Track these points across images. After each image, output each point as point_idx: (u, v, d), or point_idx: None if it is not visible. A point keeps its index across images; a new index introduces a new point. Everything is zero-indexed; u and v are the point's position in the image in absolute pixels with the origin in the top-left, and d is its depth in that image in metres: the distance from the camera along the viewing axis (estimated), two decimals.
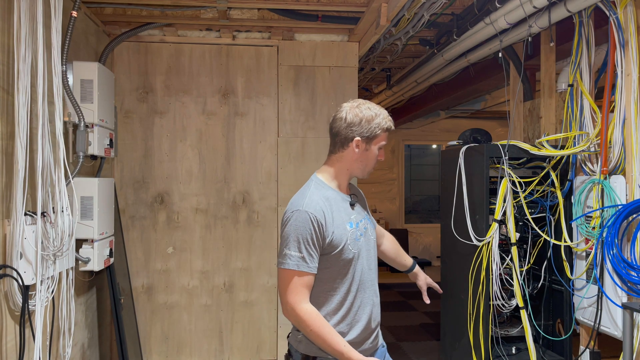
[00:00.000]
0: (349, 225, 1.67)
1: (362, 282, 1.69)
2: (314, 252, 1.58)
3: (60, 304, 2.33)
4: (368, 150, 1.69)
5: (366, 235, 1.73)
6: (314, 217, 1.57)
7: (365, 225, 1.74)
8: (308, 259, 1.56)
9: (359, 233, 1.69)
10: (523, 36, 2.90)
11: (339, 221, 1.64)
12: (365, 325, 1.69)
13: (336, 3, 3.17)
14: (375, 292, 1.75)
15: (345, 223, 1.66)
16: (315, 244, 1.57)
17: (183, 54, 3.63)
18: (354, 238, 1.66)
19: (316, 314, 1.57)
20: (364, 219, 1.75)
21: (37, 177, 2.07)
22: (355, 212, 1.73)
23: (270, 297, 3.70)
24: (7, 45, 2.02)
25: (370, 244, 1.75)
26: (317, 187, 1.68)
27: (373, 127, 1.67)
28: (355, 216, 1.71)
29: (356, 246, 1.67)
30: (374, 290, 1.75)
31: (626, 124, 2.32)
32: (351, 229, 1.67)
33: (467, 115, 7.62)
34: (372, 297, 1.73)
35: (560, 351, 2.85)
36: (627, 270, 2.22)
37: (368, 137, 1.67)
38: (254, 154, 3.69)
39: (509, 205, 2.73)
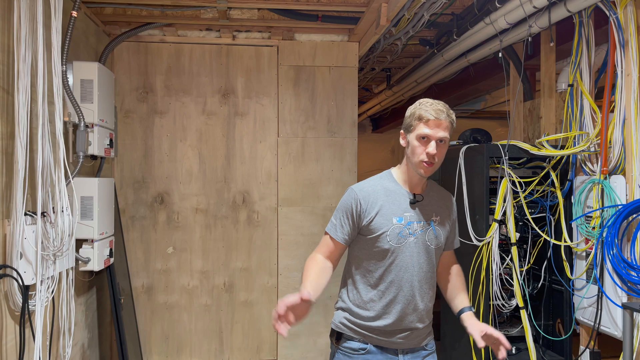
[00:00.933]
0: (397, 219, 1.71)
1: (399, 278, 1.73)
2: (346, 225, 1.73)
3: (60, 304, 2.33)
4: (410, 143, 1.72)
5: (420, 238, 1.73)
6: (357, 197, 1.72)
7: (424, 229, 1.74)
8: (339, 228, 1.75)
9: (409, 232, 1.71)
10: (523, 36, 2.90)
11: (387, 210, 1.71)
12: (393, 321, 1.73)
13: (336, 3, 3.17)
14: (416, 297, 1.75)
15: (393, 215, 1.71)
16: (349, 218, 1.73)
17: (183, 54, 3.64)
18: (397, 232, 1.70)
19: (312, 259, 1.76)
20: (426, 223, 1.75)
21: (37, 177, 2.07)
22: (415, 212, 1.74)
23: (271, 297, 3.70)
24: (7, 45, 2.02)
25: (421, 248, 1.74)
26: (383, 177, 1.80)
27: (409, 118, 1.72)
28: (411, 215, 1.73)
29: (398, 241, 1.70)
30: (414, 293, 1.75)
31: (626, 124, 2.32)
32: (398, 223, 1.71)
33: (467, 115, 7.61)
34: (407, 301, 1.74)
35: (560, 351, 2.85)
36: (627, 270, 2.22)
37: (406, 128, 1.73)
38: (254, 154, 3.69)
39: (509, 205, 2.73)
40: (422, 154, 1.69)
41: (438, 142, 1.68)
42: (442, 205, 1.82)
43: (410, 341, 1.78)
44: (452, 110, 1.74)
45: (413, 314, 1.75)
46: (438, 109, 1.67)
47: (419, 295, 1.75)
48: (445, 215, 1.81)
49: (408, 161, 1.75)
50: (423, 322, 1.78)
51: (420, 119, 1.68)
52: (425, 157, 1.68)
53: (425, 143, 1.68)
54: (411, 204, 1.74)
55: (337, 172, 3.71)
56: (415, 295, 1.75)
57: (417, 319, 1.77)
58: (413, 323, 1.76)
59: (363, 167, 8.04)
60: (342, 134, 3.73)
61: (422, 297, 1.77)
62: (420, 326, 1.77)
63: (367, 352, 1.76)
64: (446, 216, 1.81)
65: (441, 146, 1.69)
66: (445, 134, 1.68)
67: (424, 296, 1.77)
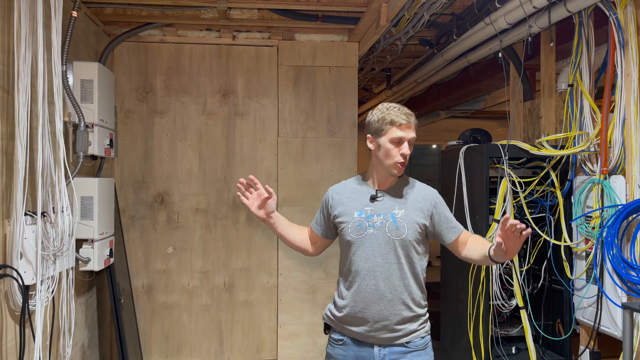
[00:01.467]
0: (358, 213, 1.86)
1: (362, 270, 1.82)
2: (320, 218, 2.00)
3: (60, 304, 2.33)
4: (383, 146, 1.83)
5: (380, 230, 1.82)
6: (330, 194, 1.97)
7: (385, 223, 1.82)
8: (315, 219, 2.03)
9: (368, 224, 1.83)
10: (523, 36, 2.90)
11: (350, 205, 1.89)
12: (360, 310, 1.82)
13: (336, 3, 3.17)
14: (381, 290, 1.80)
15: (355, 210, 1.87)
16: (322, 213, 1.99)
17: (183, 54, 3.64)
18: (357, 225, 1.84)
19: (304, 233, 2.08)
20: (386, 215, 1.83)
21: (37, 177, 2.07)
22: (376, 206, 1.86)
23: (271, 297, 3.70)
24: (7, 45, 2.02)
25: (382, 239, 1.82)
26: (354, 178, 2.01)
27: (379, 123, 1.83)
28: (372, 209, 1.85)
29: (357, 233, 1.83)
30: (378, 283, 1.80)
31: (626, 124, 2.32)
32: (359, 216, 1.85)
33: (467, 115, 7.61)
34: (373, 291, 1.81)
35: (560, 351, 2.85)
36: (627, 270, 2.22)
37: (376, 132, 1.84)
38: (254, 154, 3.69)
39: (509, 205, 2.73)
40: (397, 155, 1.81)
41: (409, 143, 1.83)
42: (412, 198, 1.88)
43: (383, 335, 1.81)
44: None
45: (379, 304, 1.80)
46: (407, 113, 1.82)
47: (384, 286, 1.80)
48: (415, 207, 1.86)
49: (378, 163, 1.87)
50: (397, 315, 1.80)
51: (392, 123, 1.80)
52: (400, 159, 1.82)
53: (399, 145, 1.81)
54: (371, 199, 1.87)
55: (337, 172, 3.71)
56: (379, 285, 1.80)
57: (387, 310, 1.80)
58: (381, 313, 1.79)
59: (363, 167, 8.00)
60: (342, 134, 3.73)
61: (390, 288, 1.80)
62: (392, 319, 1.80)
63: (344, 343, 1.86)
64: (417, 207, 1.86)
65: (411, 146, 1.84)
66: (414, 135, 1.84)
67: (392, 288, 1.80)
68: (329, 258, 3.67)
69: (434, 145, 9.05)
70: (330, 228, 1.97)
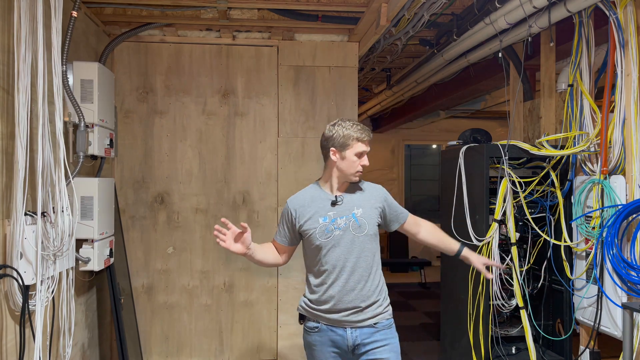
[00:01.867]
0: (323, 219, 2.07)
1: (338, 265, 2.05)
2: (284, 230, 2.17)
3: (60, 304, 2.33)
4: (348, 158, 2.07)
5: (345, 230, 2.06)
6: (289, 208, 2.14)
7: (348, 223, 2.06)
8: (278, 231, 2.20)
9: (334, 227, 2.06)
10: (523, 36, 2.90)
11: (313, 214, 2.09)
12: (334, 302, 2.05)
13: (336, 3, 3.17)
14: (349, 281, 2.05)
15: (319, 217, 2.08)
16: (285, 225, 2.16)
17: (183, 54, 3.64)
18: (324, 229, 2.06)
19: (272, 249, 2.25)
20: (348, 216, 2.07)
21: (37, 177, 2.07)
22: (338, 209, 2.08)
23: (270, 297, 3.70)
24: (7, 45, 2.02)
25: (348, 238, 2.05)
26: (311, 187, 2.19)
27: (344, 138, 2.08)
28: (334, 213, 2.08)
29: (325, 236, 2.06)
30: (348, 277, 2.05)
31: (626, 124, 2.32)
32: (323, 222, 2.07)
33: (467, 115, 7.62)
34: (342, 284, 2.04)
35: (560, 351, 2.85)
36: (627, 270, 2.22)
37: (342, 146, 2.07)
38: (254, 154, 3.69)
39: (509, 205, 2.73)
40: (359, 166, 2.08)
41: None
42: (366, 197, 2.12)
43: (355, 319, 2.04)
44: None
45: (351, 294, 2.04)
46: (368, 131, 2.10)
47: (352, 279, 2.04)
48: (370, 205, 2.10)
49: (338, 171, 2.10)
50: (366, 301, 2.04)
51: (358, 139, 2.07)
52: (360, 168, 2.10)
53: (361, 157, 2.08)
54: (332, 204, 2.09)
55: None
56: (350, 279, 2.04)
57: (358, 298, 2.04)
58: (353, 302, 2.04)
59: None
60: None
61: (359, 279, 2.05)
62: (362, 305, 2.04)
63: (319, 330, 2.09)
64: (372, 204, 2.10)
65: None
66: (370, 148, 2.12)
67: (360, 279, 2.05)
68: None
69: (434, 145, 9.06)
70: (296, 237, 2.16)
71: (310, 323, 2.12)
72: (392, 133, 8.39)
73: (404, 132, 8.38)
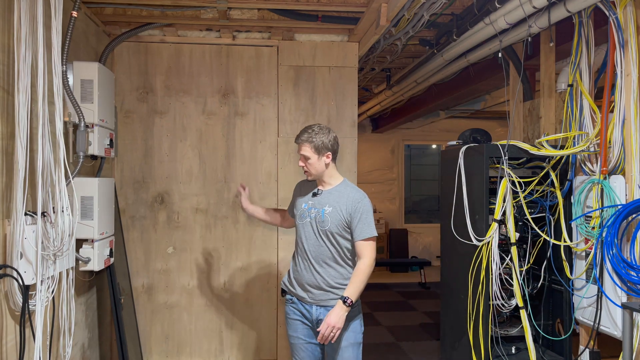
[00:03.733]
0: (304, 205, 2.43)
1: (302, 248, 2.39)
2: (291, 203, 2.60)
3: (61, 304, 2.33)
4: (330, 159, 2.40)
5: (313, 220, 2.36)
6: (296, 185, 2.61)
7: (317, 215, 2.35)
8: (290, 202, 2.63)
9: (308, 214, 2.39)
10: (523, 36, 2.90)
11: (301, 198, 2.49)
12: (300, 277, 2.38)
13: (336, 3, 3.17)
14: (313, 264, 2.34)
15: (303, 201, 2.45)
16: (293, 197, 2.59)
17: (183, 54, 3.64)
18: (301, 214, 2.42)
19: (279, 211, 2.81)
20: (318, 210, 2.35)
21: (37, 177, 2.07)
22: (315, 200, 2.40)
23: (271, 297, 3.70)
24: (7, 45, 2.02)
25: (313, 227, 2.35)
26: None
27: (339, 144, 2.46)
28: (312, 202, 2.40)
29: (301, 219, 2.41)
30: (310, 262, 2.35)
31: (626, 124, 2.32)
32: (304, 207, 2.42)
33: (467, 115, 7.62)
34: (307, 265, 2.36)
35: (560, 351, 2.85)
36: (627, 270, 2.22)
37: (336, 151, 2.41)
38: (254, 154, 3.69)
39: (508, 205, 2.73)
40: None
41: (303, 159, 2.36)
42: (340, 200, 2.33)
43: (318, 297, 2.33)
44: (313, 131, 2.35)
45: (311, 274, 2.33)
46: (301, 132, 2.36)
47: (316, 263, 2.33)
48: (339, 208, 2.32)
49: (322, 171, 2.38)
50: (328, 285, 2.31)
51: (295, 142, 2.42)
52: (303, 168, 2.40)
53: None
54: (312, 195, 2.42)
55: None
56: (312, 262, 2.34)
57: (317, 279, 2.32)
58: (312, 281, 2.33)
59: (363, 167, 8.04)
60: (342, 134, 3.72)
61: (319, 263, 2.33)
62: (324, 287, 2.32)
63: (293, 302, 2.43)
64: (341, 208, 2.31)
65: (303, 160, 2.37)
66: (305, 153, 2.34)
67: (319, 264, 2.33)
68: None
69: (434, 145, 9.06)
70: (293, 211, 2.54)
71: (288, 296, 2.47)
72: (392, 133, 8.39)
73: (403, 132, 8.38)
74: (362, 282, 2.27)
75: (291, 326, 2.46)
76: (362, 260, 2.29)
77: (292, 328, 2.46)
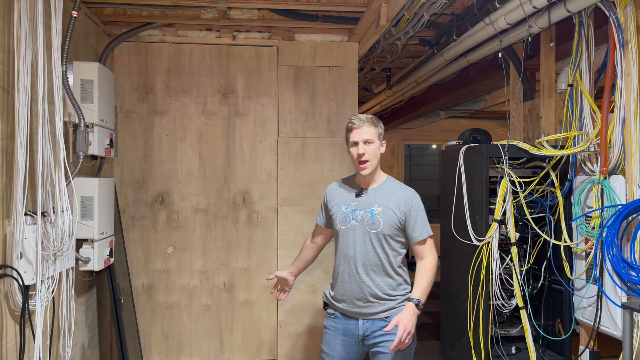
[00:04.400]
0: (345, 207, 2.20)
1: (346, 255, 2.17)
2: (321, 211, 2.39)
3: (61, 304, 2.33)
4: (349, 152, 2.19)
5: (361, 223, 2.14)
6: (326, 193, 2.35)
7: (365, 216, 2.14)
8: (318, 215, 2.41)
9: (352, 217, 2.16)
10: (523, 36, 2.90)
11: (339, 200, 2.25)
12: (346, 289, 2.16)
13: (336, 3, 3.17)
14: (359, 273, 2.13)
15: (343, 204, 2.22)
16: (322, 206, 2.37)
17: (183, 54, 3.64)
18: (343, 217, 2.19)
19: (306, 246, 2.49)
20: (366, 211, 2.14)
21: (37, 177, 2.07)
22: (360, 201, 2.18)
23: (271, 297, 3.70)
24: (7, 45, 2.02)
25: (362, 230, 2.14)
26: (349, 176, 2.35)
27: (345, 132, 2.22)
28: (356, 203, 2.18)
29: (343, 224, 2.18)
30: (356, 270, 2.14)
31: (626, 124, 2.32)
32: (345, 210, 2.20)
33: (467, 115, 7.62)
34: (353, 275, 2.15)
35: (560, 351, 2.85)
36: (627, 270, 2.22)
37: (346, 140, 2.21)
38: (254, 154, 3.69)
39: (508, 205, 2.73)
40: (355, 156, 2.15)
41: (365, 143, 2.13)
42: (391, 198, 2.15)
43: (364, 310, 2.14)
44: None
45: (358, 284, 2.13)
46: (360, 117, 2.14)
47: (363, 272, 2.13)
48: (391, 206, 2.14)
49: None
50: (376, 297, 2.12)
51: (348, 130, 2.18)
52: (357, 157, 2.14)
53: (355, 147, 2.15)
54: (356, 195, 2.20)
55: (337, 172, 3.71)
56: (359, 271, 2.13)
57: (367, 292, 2.12)
58: (359, 293, 2.13)
59: None
60: (342, 134, 3.72)
61: (366, 272, 2.13)
62: (372, 300, 2.12)
63: (335, 317, 2.24)
64: (393, 207, 2.13)
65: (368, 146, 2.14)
66: (368, 136, 2.12)
67: (367, 272, 2.13)
68: (328, 258, 3.67)
69: (434, 145, 9.05)
70: (329, 219, 2.32)
71: (329, 309, 2.28)
72: (392, 133, 8.38)
73: (404, 132, 8.37)
74: (430, 282, 2.09)
75: (328, 343, 2.24)
76: (427, 260, 2.15)
77: (328, 345, 2.24)
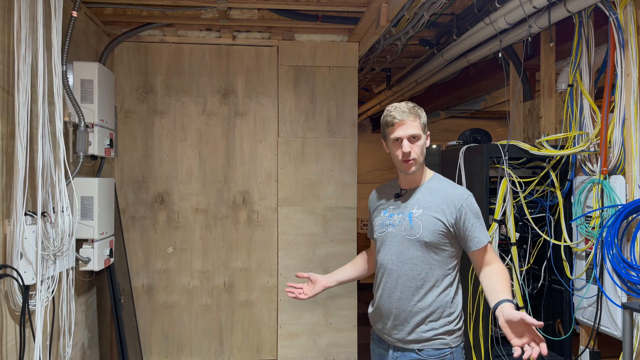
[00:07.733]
0: (384, 212, 1.88)
1: (383, 265, 1.82)
2: (370, 223, 1.98)
3: (61, 304, 2.33)
4: (389, 149, 1.84)
5: (398, 228, 1.79)
6: (369, 199, 2.02)
7: (402, 221, 1.79)
8: (369, 227, 2.01)
9: (389, 222, 1.83)
10: (523, 36, 2.90)
11: (379, 207, 1.92)
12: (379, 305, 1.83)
13: (336, 3, 3.17)
14: (396, 289, 1.77)
15: (382, 209, 1.90)
16: (370, 217, 1.99)
17: (183, 54, 3.64)
18: (381, 223, 1.86)
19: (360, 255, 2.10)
20: (404, 215, 1.79)
21: (37, 177, 2.07)
22: (397, 204, 1.85)
23: (271, 297, 3.70)
24: (7, 45, 2.02)
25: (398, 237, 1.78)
26: (393, 179, 1.97)
27: (382, 127, 1.83)
28: (394, 207, 1.85)
29: (381, 230, 1.85)
30: (396, 281, 1.77)
31: (626, 124, 2.32)
32: (384, 215, 1.87)
33: (467, 115, 7.61)
34: (390, 291, 1.78)
35: (560, 351, 2.85)
36: (627, 270, 2.22)
37: (384, 137, 1.85)
38: (254, 154, 3.69)
39: (508, 205, 2.73)
40: (400, 155, 1.77)
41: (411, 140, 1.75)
42: (435, 199, 1.77)
43: (395, 335, 1.76)
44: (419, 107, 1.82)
45: (391, 302, 1.76)
46: (400, 108, 1.76)
47: (396, 285, 1.77)
48: (435, 209, 1.75)
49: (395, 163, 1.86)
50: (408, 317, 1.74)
51: (387, 125, 1.78)
52: (402, 157, 1.77)
53: (398, 144, 1.77)
54: (395, 198, 1.87)
55: (337, 172, 3.71)
56: (393, 284, 1.78)
57: (398, 309, 1.75)
58: (393, 312, 1.76)
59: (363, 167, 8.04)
60: (342, 134, 3.73)
61: (401, 288, 1.75)
62: (402, 319, 1.75)
63: (373, 339, 1.93)
64: (438, 209, 1.75)
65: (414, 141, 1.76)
66: (415, 131, 1.75)
67: (403, 288, 1.75)
68: (329, 258, 3.67)
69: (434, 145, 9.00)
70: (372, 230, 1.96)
71: (372, 329, 1.94)
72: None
73: None
74: (509, 283, 1.70)
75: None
76: (496, 264, 1.75)
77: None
